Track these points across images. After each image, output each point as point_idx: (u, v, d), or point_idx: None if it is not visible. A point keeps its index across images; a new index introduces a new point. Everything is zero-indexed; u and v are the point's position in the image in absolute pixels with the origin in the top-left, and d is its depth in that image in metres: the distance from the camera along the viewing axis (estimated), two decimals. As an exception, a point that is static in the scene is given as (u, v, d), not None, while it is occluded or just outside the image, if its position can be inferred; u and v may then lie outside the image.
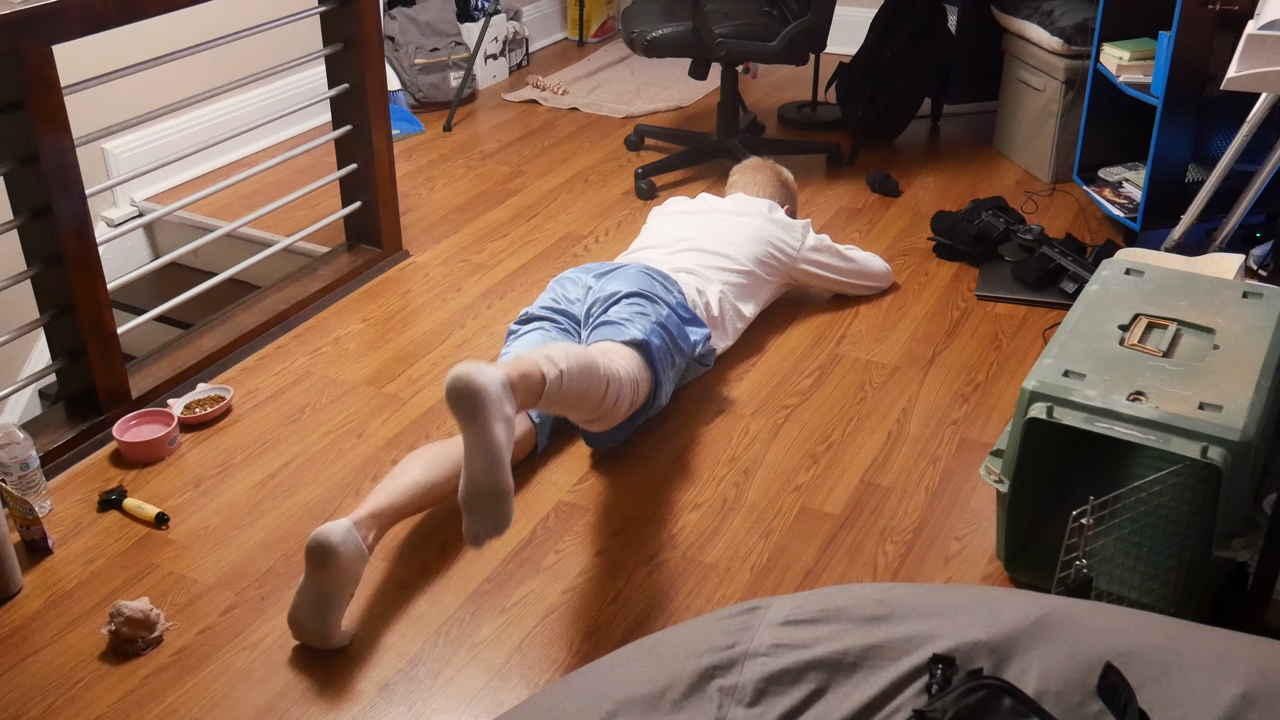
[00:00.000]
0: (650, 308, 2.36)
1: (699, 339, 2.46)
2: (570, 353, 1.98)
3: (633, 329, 2.26)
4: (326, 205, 3.44)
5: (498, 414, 1.68)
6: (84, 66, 2.54)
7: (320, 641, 1.89)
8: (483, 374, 1.70)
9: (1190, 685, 1.27)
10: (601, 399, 2.06)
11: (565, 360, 1.93)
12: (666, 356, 2.34)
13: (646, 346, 2.25)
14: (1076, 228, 3.30)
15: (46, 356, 3.37)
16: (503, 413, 1.69)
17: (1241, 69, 1.96)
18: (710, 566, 2.09)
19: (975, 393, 2.57)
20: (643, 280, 2.43)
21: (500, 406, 1.69)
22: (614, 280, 2.44)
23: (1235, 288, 2.11)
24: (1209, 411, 1.76)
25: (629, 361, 2.19)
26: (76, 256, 2.35)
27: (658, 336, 2.30)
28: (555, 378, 1.88)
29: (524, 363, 1.85)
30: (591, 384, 2.00)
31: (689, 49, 3.46)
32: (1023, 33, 3.60)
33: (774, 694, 1.32)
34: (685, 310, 2.47)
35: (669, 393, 2.40)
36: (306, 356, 2.78)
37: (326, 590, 1.86)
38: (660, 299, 2.40)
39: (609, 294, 2.40)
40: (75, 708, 1.82)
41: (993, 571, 2.06)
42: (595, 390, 2.02)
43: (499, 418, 1.68)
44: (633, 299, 2.37)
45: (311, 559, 1.84)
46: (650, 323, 2.31)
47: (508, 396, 1.72)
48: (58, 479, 2.36)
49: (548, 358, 1.90)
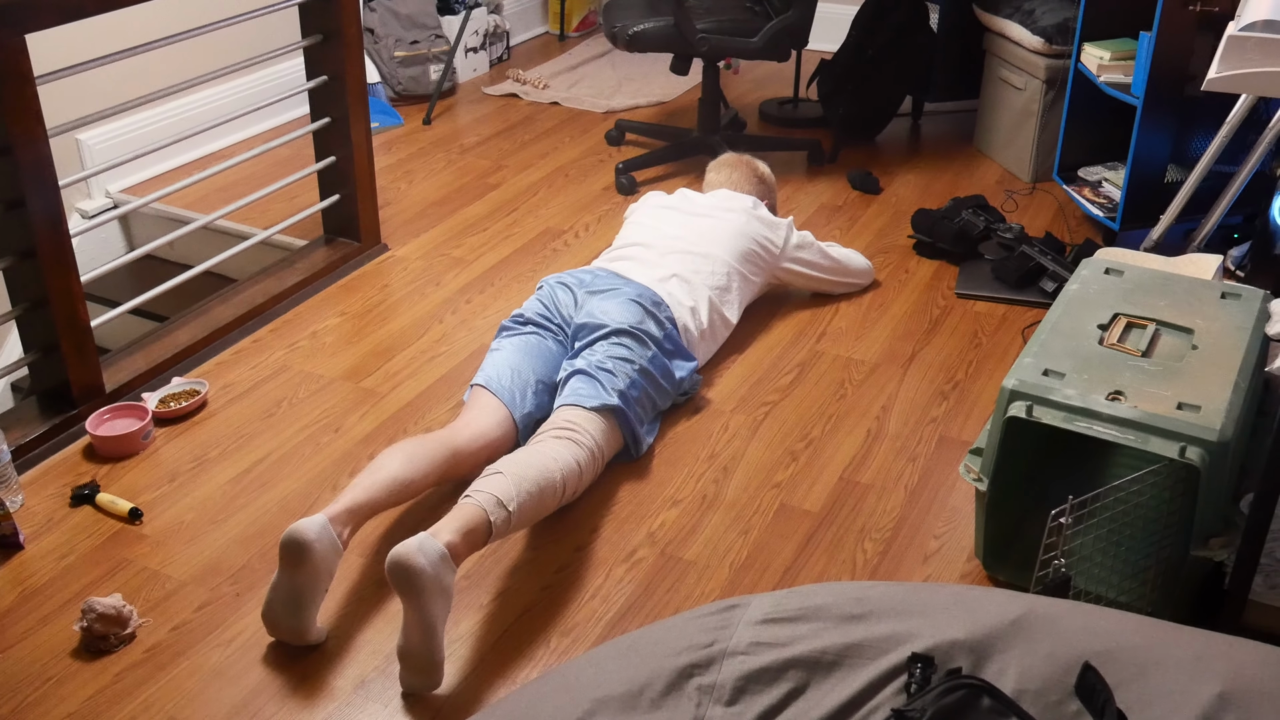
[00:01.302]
0: (635, 350, 2.33)
1: (684, 374, 2.44)
2: (525, 475, 1.97)
3: (606, 390, 2.23)
4: (304, 198, 3.41)
5: (435, 591, 1.75)
6: (57, 56, 2.51)
7: (295, 638, 1.87)
8: (423, 553, 1.75)
9: (1168, 685, 1.27)
10: (558, 503, 2.08)
11: (518, 495, 1.93)
12: (645, 408, 2.34)
13: (619, 413, 2.24)
14: (1056, 227, 3.31)
15: (18, 349, 3.34)
16: (440, 586, 1.76)
17: (1222, 70, 1.96)
18: (689, 563, 2.08)
19: (954, 391, 2.58)
20: (632, 313, 2.38)
21: (438, 582, 1.76)
22: (605, 305, 2.40)
23: (1214, 288, 2.12)
24: (1187, 411, 1.76)
25: (595, 433, 2.18)
26: (50, 250, 2.32)
27: (636, 389, 2.29)
28: (503, 522, 1.91)
29: (469, 516, 1.87)
30: (545, 502, 2.02)
31: (671, 44, 3.45)
32: (1004, 31, 3.61)
33: (753, 693, 1.31)
34: (674, 342, 2.44)
35: (650, 437, 2.38)
36: (283, 350, 2.75)
37: (300, 586, 1.84)
38: (648, 337, 2.36)
39: (596, 324, 2.36)
40: (46, 705, 1.80)
41: (971, 570, 2.06)
42: (550, 504, 2.04)
43: (436, 594, 1.76)
44: (620, 339, 2.33)
45: (285, 555, 1.83)
46: (631, 371, 2.29)
47: (447, 568, 1.79)
48: (29, 473, 2.33)
49: (498, 500, 1.90)
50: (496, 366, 2.34)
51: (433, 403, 2.54)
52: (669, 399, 2.44)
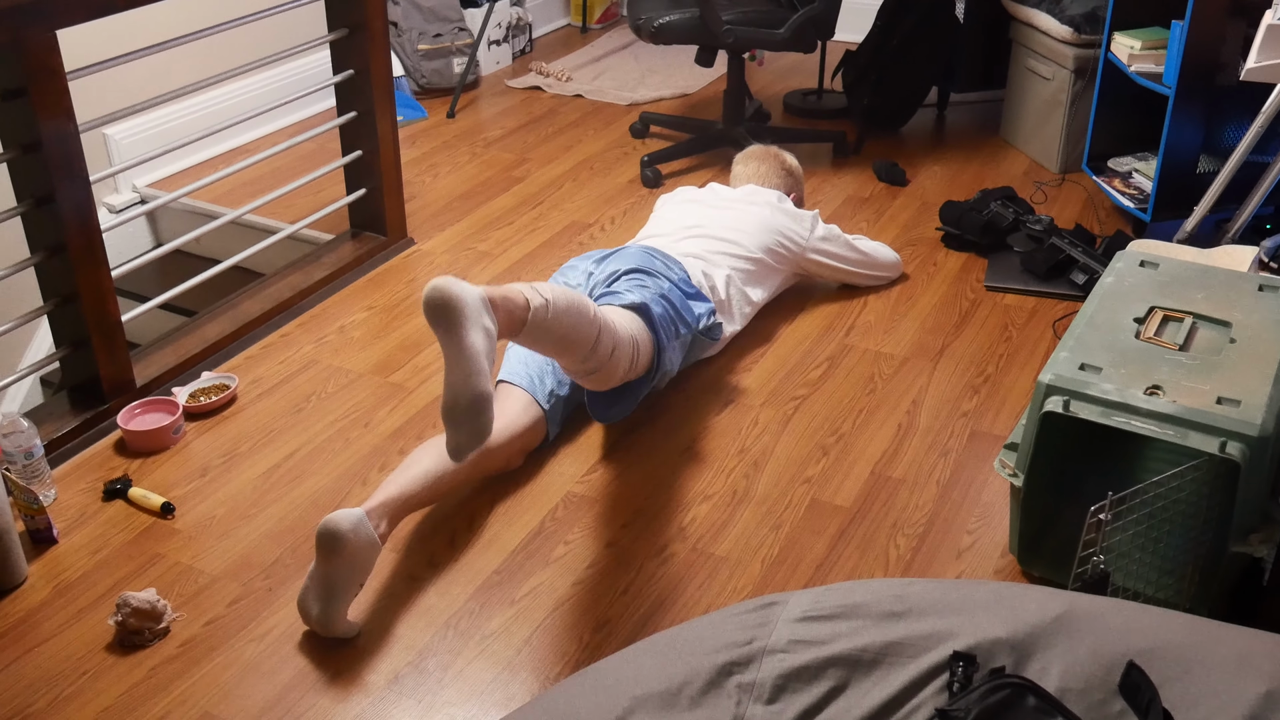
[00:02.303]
0: (650, 281, 2.35)
1: (703, 312, 2.45)
2: (558, 289, 1.94)
3: (631, 296, 2.26)
4: (331, 192, 3.42)
5: (475, 323, 1.67)
6: (86, 51, 2.51)
7: (323, 629, 1.88)
8: (460, 286, 1.69)
9: (1213, 684, 1.26)
10: (593, 345, 2.00)
11: (551, 293, 1.89)
12: (669, 324, 2.32)
13: (646, 309, 2.23)
14: (1086, 218, 3.28)
15: (48, 344, 3.35)
16: (481, 323, 1.68)
17: (1260, 60, 1.94)
18: (721, 559, 2.07)
19: (985, 384, 2.56)
20: (642, 258, 2.43)
21: (479, 317, 1.68)
22: (614, 261, 2.45)
23: (1251, 280, 2.09)
24: (1227, 406, 1.75)
25: (628, 321, 2.17)
26: (80, 245, 2.33)
27: (659, 305, 2.29)
28: (540, 306, 1.85)
29: (506, 287, 1.82)
30: (581, 324, 1.94)
31: (696, 36, 3.43)
32: (1031, 21, 3.58)
33: (793, 691, 1.30)
34: (688, 286, 2.46)
35: (676, 362, 2.38)
36: (311, 345, 2.76)
37: (333, 578, 1.85)
38: (660, 274, 2.40)
39: (609, 274, 2.39)
40: (82, 699, 1.81)
41: (1005, 565, 2.05)
42: (585, 332, 1.96)
43: (477, 327, 1.67)
44: (632, 274, 2.37)
45: (321, 546, 1.83)
46: (650, 293, 2.30)
47: (486, 310, 1.71)
48: (62, 468, 2.34)
49: (532, 288, 1.88)
50: (510, 361, 2.38)
51: (461, 397, 2.54)
52: (689, 331, 2.41)
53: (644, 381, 2.27)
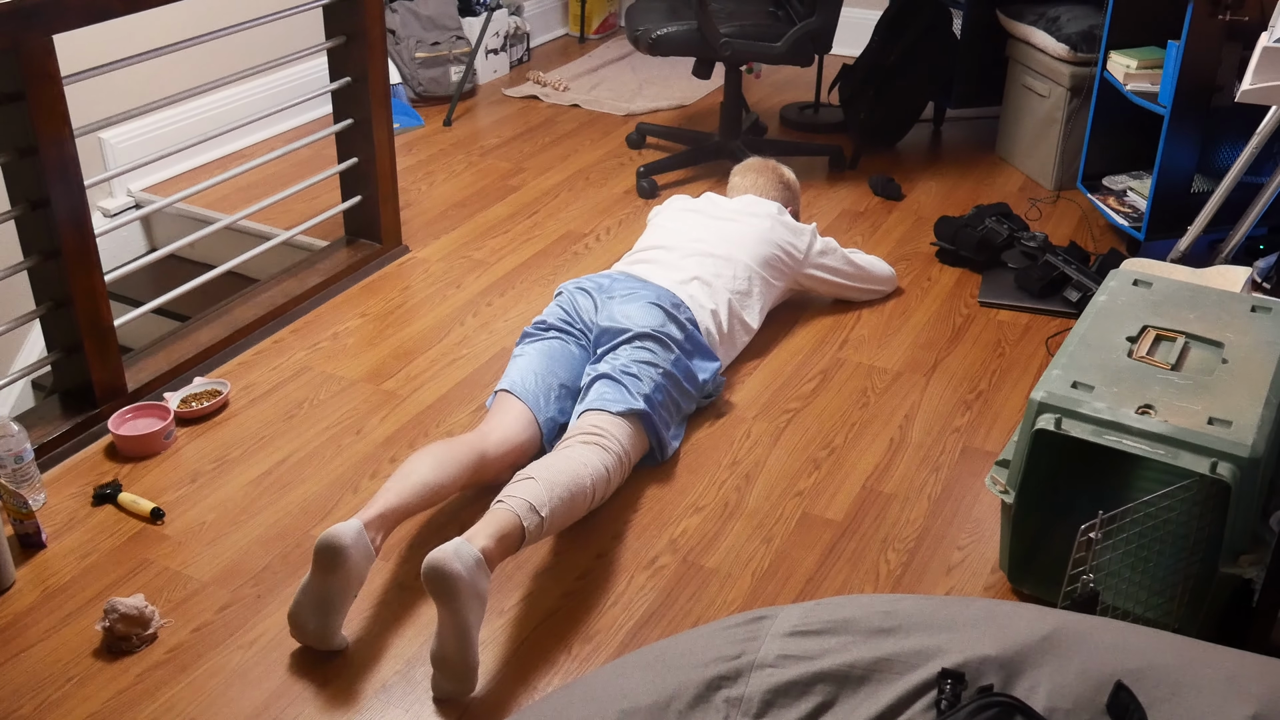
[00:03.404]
0: (659, 354, 2.33)
1: (708, 376, 2.44)
2: (557, 481, 1.97)
3: (631, 394, 2.23)
4: (326, 199, 3.42)
5: (470, 597, 1.75)
6: (83, 56, 2.51)
7: (320, 643, 1.87)
8: (459, 558, 1.74)
9: (1201, 706, 1.26)
10: (588, 507, 2.07)
11: (550, 500, 1.94)
12: (669, 411, 2.33)
13: (645, 417, 2.24)
14: (1080, 236, 3.29)
15: (40, 347, 3.35)
16: (475, 593, 1.76)
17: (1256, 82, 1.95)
18: (711, 571, 2.07)
19: (978, 400, 2.56)
20: (654, 317, 2.38)
21: (474, 588, 1.76)
22: (626, 309, 2.40)
23: (1244, 301, 2.10)
24: (1218, 427, 1.75)
25: (622, 438, 2.18)
26: (74, 249, 2.33)
27: (661, 393, 2.29)
28: (536, 527, 1.91)
29: (503, 521, 1.86)
30: (576, 507, 2.02)
31: (694, 48, 3.44)
32: (1028, 38, 3.59)
33: (781, 706, 1.30)
34: (695, 341, 2.44)
35: (676, 441, 2.38)
36: (304, 351, 2.75)
37: (331, 591, 1.83)
38: (670, 340, 2.36)
39: (619, 328, 2.36)
40: (68, 705, 1.80)
41: (995, 582, 2.05)
42: (580, 509, 2.04)
43: (471, 599, 1.76)
44: (643, 342, 2.33)
45: (320, 560, 1.82)
46: (656, 375, 2.29)
47: (482, 574, 1.78)
48: (52, 472, 2.33)
49: (531, 506, 1.91)
50: (521, 371, 2.33)
51: (454, 406, 2.54)
52: (693, 402, 2.43)
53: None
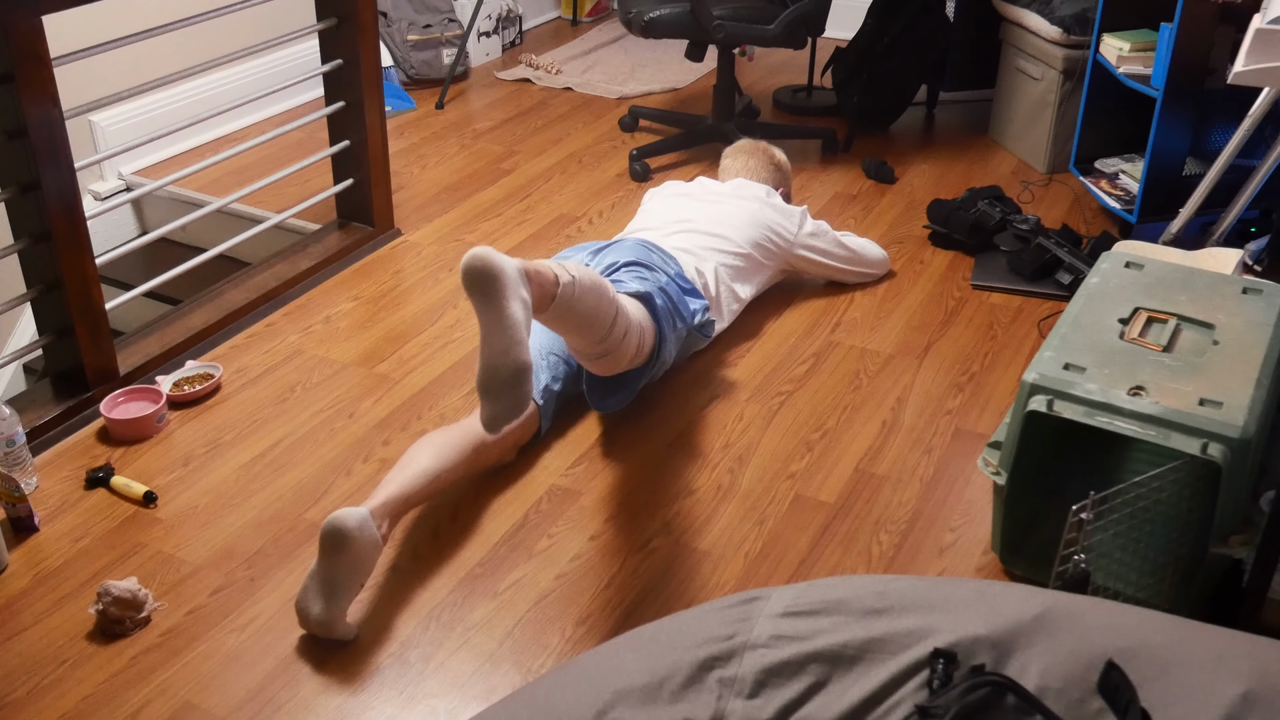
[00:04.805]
0: (650, 274, 2.37)
1: (698, 308, 2.46)
2: (580, 268, 1.98)
3: (634, 285, 2.28)
4: (318, 182, 3.40)
5: (514, 294, 1.68)
6: (73, 37, 2.50)
7: (324, 630, 1.86)
8: (500, 256, 1.70)
9: (1191, 684, 1.26)
10: (610, 325, 2.03)
11: (577, 270, 1.94)
12: (669, 316, 2.34)
13: (650, 299, 2.26)
14: (1072, 218, 3.29)
15: (31, 330, 3.34)
16: (519, 294, 1.69)
17: (1248, 63, 1.95)
18: (704, 553, 2.07)
19: (970, 383, 2.57)
20: (640, 252, 2.44)
21: (517, 288, 1.69)
22: (611, 253, 2.45)
23: (1235, 283, 2.10)
24: (1209, 408, 1.75)
25: (634, 308, 2.20)
26: (65, 232, 2.32)
27: (660, 296, 2.31)
28: (568, 282, 1.88)
29: (537, 262, 1.85)
30: (602, 303, 1.97)
31: (686, 31, 3.43)
32: (1021, 21, 3.59)
33: (774, 686, 1.30)
34: (684, 281, 2.47)
35: (673, 354, 2.40)
36: (297, 335, 2.75)
37: (337, 577, 1.83)
38: (658, 268, 2.42)
39: (608, 265, 2.40)
40: (62, 688, 1.80)
41: (987, 563, 2.05)
42: (605, 311, 1.98)
43: (515, 297, 1.68)
44: (632, 266, 2.38)
45: (326, 544, 1.82)
46: (651, 285, 2.32)
47: (523, 281, 1.72)
48: (44, 455, 2.33)
49: (560, 265, 1.91)
50: None
51: (446, 389, 2.53)
52: (686, 326, 2.42)
53: (642, 371, 2.28)
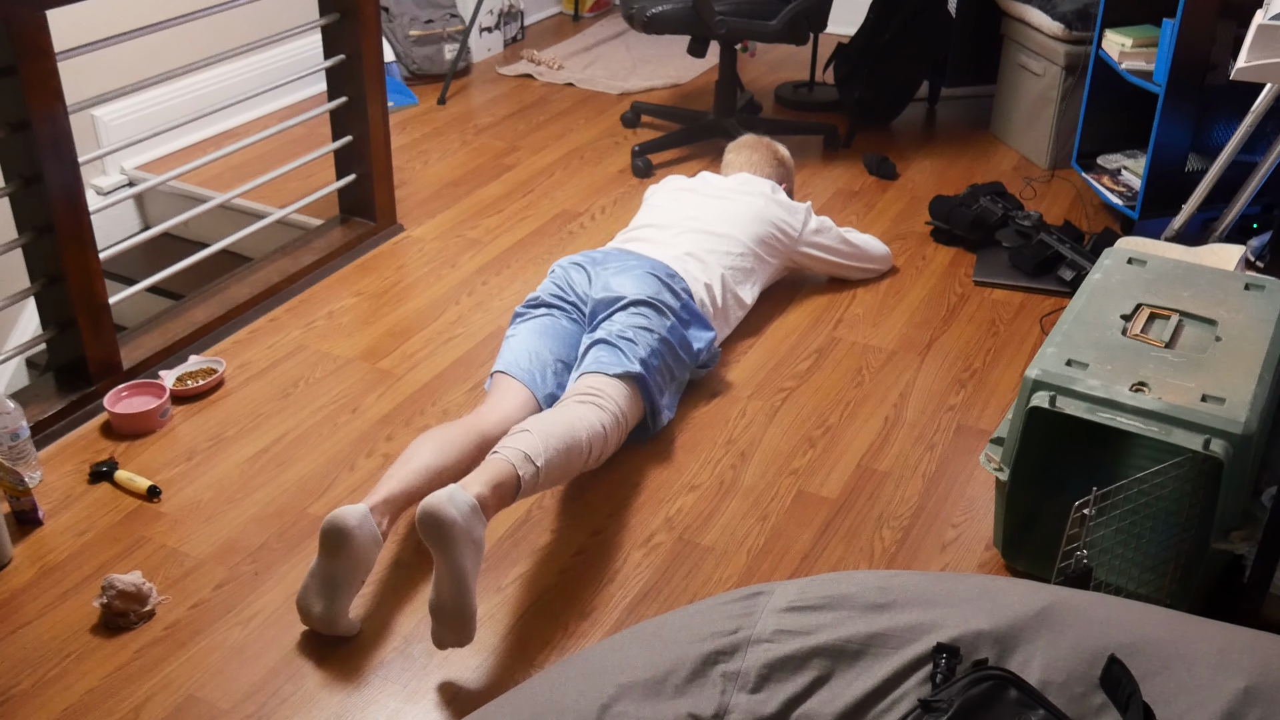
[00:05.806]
0: (654, 319, 2.33)
1: (703, 345, 2.43)
2: (552, 433, 1.97)
3: (627, 358, 2.23)
4: (320, 177, 3.41)
5: (465, 543, 1.74)
6: (76, 32, 2.50)
7: (326, 627, 1.86)
8: (454, 504, 1.73)
9: (1192, 679, 1.27)
10: (584, 465, 2.06)
11: (545, 451, 1.93)
12: (664, 377, 2.33)
13: (641, 380, 2.23)
14: (1074, 214, 3.29)
15: (35, 325, 3.35)
16: (471, 539, 1.75)
17: (1251, 59, 1.95)
18: (707, 549, 2.08)
19: (972, 379, 2.57)
20: (649, 285, 2.38)
21: (469, 534, 1.74)
22: (620, 279, 2.40)
23: (1237, 279, 2.11)
24: (1211, 404, 1.76)
25: (619, 399, 2.17)
26: (68, 226, 2.32)
27: (656, 358, 2.28)
28: (531, 478, 1.89)
29: (498, 470, 1.85)
30: (572, 462, 2.00)
31: (689, 26, 3.43)
32: (1023, 17, 3.59)
33: (777, 680, 1.31)
34: (690, 311, 2.44)
35: (672, 408, 2.38)
36: (299, 330, 2.75)
37: (337, 574, 1.84)
38: (665, 307, 2.36)
39: (614, 296, 2.36)
40: (66, 681, 1.80)
41: (989, 559, 2.06)
42: (576, 464, 2.03)
43: (467, 545, 1.74)
44: (639, 308, 2.33)
45: (326, 542, 1.82)
46: (652, 340, 2.29)
47: (478, 519, 1.77)
48: (48, 449, 2.33)
49: (526, 456, 1.90)
50: (514, 351, 2.34)
51: (449, 384, 2.54)
52: (687, 370, 2.43)
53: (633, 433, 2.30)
